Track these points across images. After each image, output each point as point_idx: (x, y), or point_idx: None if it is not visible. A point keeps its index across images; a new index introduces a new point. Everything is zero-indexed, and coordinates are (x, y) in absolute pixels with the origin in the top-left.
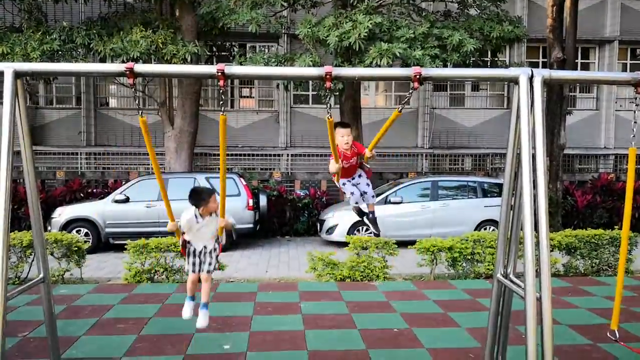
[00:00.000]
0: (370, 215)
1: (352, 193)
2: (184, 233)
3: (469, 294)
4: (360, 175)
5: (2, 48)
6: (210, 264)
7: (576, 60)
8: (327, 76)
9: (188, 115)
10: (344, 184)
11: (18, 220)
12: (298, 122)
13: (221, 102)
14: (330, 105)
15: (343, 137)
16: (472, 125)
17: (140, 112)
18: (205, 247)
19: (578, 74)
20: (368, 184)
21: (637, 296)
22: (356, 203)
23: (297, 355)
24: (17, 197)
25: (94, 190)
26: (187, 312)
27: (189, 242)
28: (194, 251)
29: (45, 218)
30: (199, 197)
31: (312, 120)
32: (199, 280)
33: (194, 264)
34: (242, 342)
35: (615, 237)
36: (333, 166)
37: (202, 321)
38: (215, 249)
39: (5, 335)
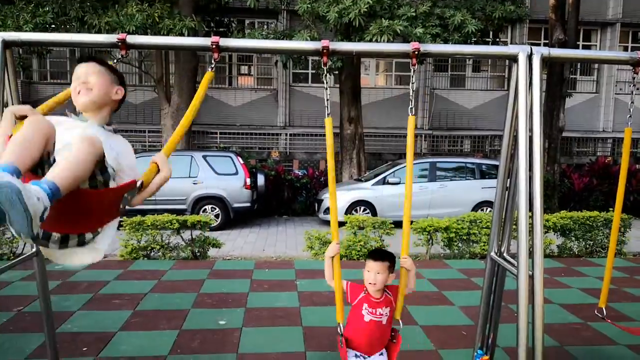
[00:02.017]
0: None
1: None
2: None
3: (463, 274)
4: (381, 354)
5: None
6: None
7: (577, 42)
8: (324, 50)
9: (185, 92)
10: (356, 356)
11: None
12: (297, 101)
13: (212, 66)
14: (328, 85)
15: (371, 273)
16: (472, 107)
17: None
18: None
19: (577, 53)
20: None
21: (629, 277)
22: None
23: (292, 331)
24: None
25: None
26: None
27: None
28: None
29: None
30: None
31: (311, 99)
32: None
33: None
34: (238, 318)
35: (610, 219)
36: (333, 248)
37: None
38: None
39: None
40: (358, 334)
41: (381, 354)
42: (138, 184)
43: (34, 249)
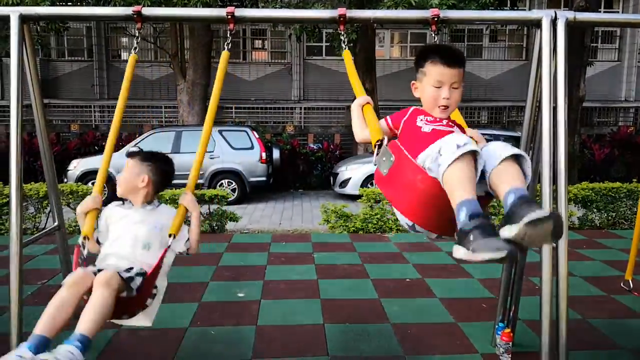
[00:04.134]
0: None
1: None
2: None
3: None
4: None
5: None
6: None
7: (599, 9)
8: (341, 18)
9: (200, 67)
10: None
11: (34, 172)
12: (311, 74)
13: (227, 42)
14: (345, 48)
15: (441, 88)
16: (489, 78)
17: (134, 51)
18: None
19: (604, 17)
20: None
21: None
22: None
23: (311, 303)
24: (33, 150)
25: None
26: None
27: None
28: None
29: (60, 170)
30: (166, 166)
31: (325, 72)
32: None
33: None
34: (257, 290)
35: (633, 190)
36: (362, 99)
37: None
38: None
39: (23, 283)
40: (418, 148)
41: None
42: (170, 240)
43: (56, 223)
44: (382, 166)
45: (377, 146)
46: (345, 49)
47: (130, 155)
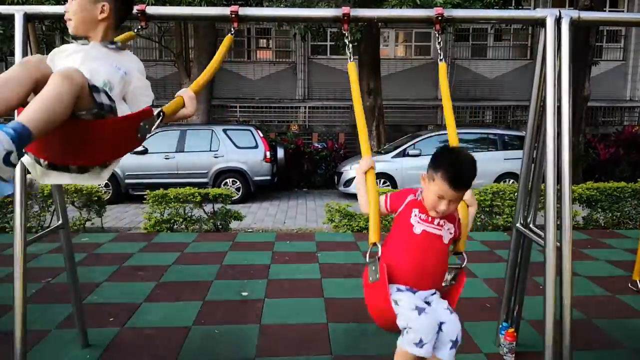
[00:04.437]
0: None
1: (420, 311)
2: None
3: (487, 246)
4: (434, 293)
5: None
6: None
7: (604, 9)
8: (345, 17)
9: (204, 66)
10: (399, 290)
11: None
12: (316, 73)
13: (232, 31)
14: (350, 48)
15: (445, 201)
16: (493, 77)
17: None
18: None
19: (609, 16)
20: (450, 309)
21: None
22: (419, 344)
23: (314, 302)
24: None
25: None
26: None
27: None
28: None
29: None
30: None
31: (330, 71)
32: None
33: None
34: (260, 289)
35: (638, 189)
36: (366, 162)
37: None
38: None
39: (27, 281)
40: (403, 255)
41: (434, 293)
42: (156, 112)
43: (60, 222)
44: (370, 274)
45: (372, 245)
46: (350, 60)
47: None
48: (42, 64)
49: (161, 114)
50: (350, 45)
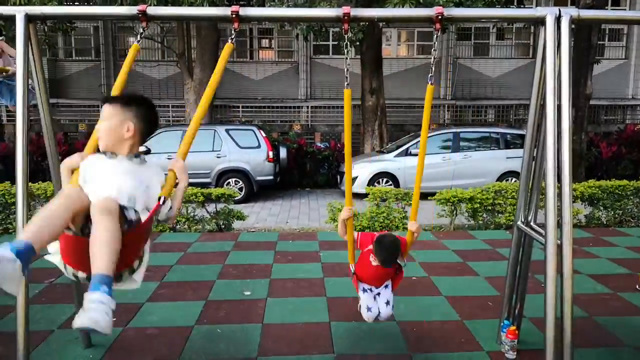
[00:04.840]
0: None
1: (368, 308)
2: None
3: (489, 244)
4: (386, 286)
5: None
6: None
7: (606, 8)
8: (345, 17)
9: (207, 66)
10: (363, 291)
11: (43, 172)
12: (318, 73)
13: (232, 37)
14: (348, 56)
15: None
16: (496, 76)
17: (138, 40)
18: None
19: (609, 14)
20: (388, 302)
21: None
22: (368, 310)
23: (317, 301)
24: (41, 150)
25: None
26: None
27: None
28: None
29: None
30: (148, 110)
31: (332, 71)
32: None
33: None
34: (263, 288)
35: None
36: (346, 212)
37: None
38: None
39: (29, 282)
40: (366, 274)
41: (386, 286)
42: (161, 201)
43: None
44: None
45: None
46: (346, 85)
47: (107, 100)
48: (82, 195)
49: (166, 200)
50: (349, 44)
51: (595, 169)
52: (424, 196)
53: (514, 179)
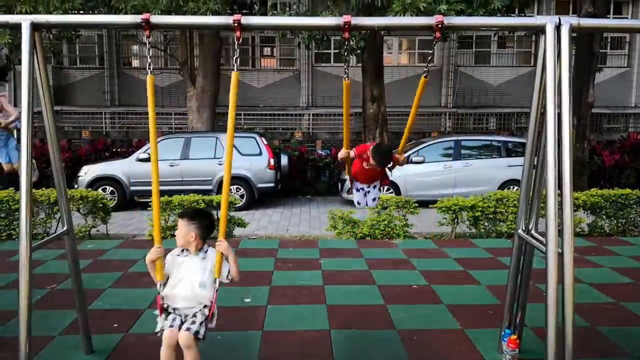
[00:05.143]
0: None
1: (358, 203)
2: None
3: (490, 253)
4: (375, 187)
5: (25, 7)
6: (194, 322)
7: (608, 16)
8: (346, 26)
9: (209, 74)
10: (357, 190)
11: (46, 178)
12: (320, 81)
13: (235, 56)
14: (348, 63)
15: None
16: (497, 84)
17: (149, 70)
18: (187, 313)
19: (609, 22)
20: (375, 199)
21: None
22: (358, 204)
23: (317, 309)
24: (45, 156)
25: (119, 150)
26: None
27: (165, 303)
28: (174, 310)
29: (71, 177)
30: (208, 221)
31: (334, 79)
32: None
33: (172, 320)
34: (263, 296)
35: None
36: (342, 152)
37: None
38: (204, 314)
39: (32, 287)
40: (360, 176)
41: (374, 186)
42: (216, 284)
43: (65, 228)
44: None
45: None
46: (345, 77)
47: (180, 216)
48: (175, 335)
49: (219, 285)
50: (350, 52)
51: (598, 177)
52: (425, 204)
53: (515, 187)
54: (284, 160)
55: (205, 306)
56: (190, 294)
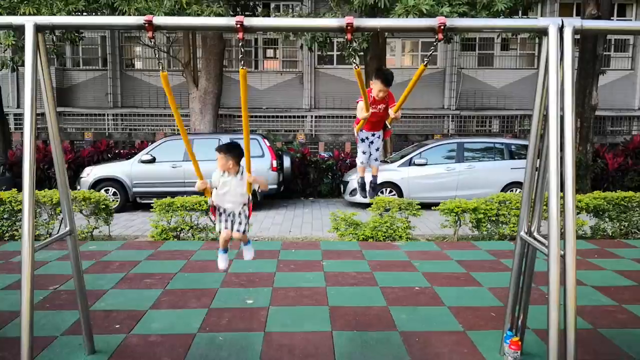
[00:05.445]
0: (372, 180)
1: (363, 152)
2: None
3: (492, 255)
4: (379, 137)
5: (29, 9)
6: (240, 223)
7: (612, 18)
8: (348, 27)
9: (212, 76)
10: (362, 139)
11: (49, 180)
12: (322, 83)
13: (240, 56)
14: (356, 54)
15: (380, 92)
16: (500, 86)
17: (162, 67)
18: (233, 211)
19: (612, 24)
20: (378, 149)
21: None
22: (361, 163)
23: (319, 310)
24: (47, 157)
25: (121, 151)
26: (222, 264)
27: (218, 206)
28: (224, 211)
29: (74, 178)
30: (238, 150)
31: (336, 81)
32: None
33: (225, 221)
34: (265, 297)
35: None
36: (361, 112)
37: (249, 254)
38: (245, 213)
39: (34, 288)
40: (369, 121)
41: (379, 136)
42: (250, 197)
43: (67, 228)
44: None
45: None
46: (355, 66)
47: (218, 150)
48: (229, 234)
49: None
50: (354, 54)
51: (601, 180)
52: (428, 206)
53: (518, 190)
54: (287, 162)
55: (245, 205)
56: (234, 199)
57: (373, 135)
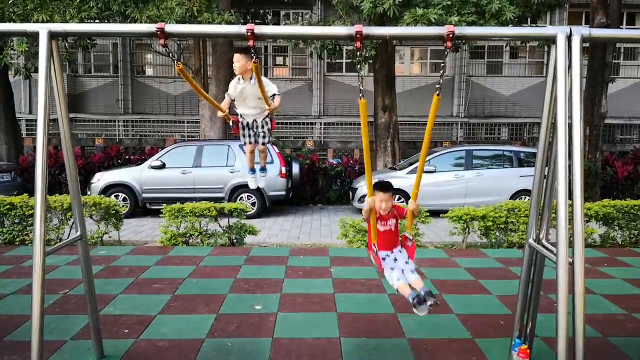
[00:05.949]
0: (423, 293)
1: (392, 269)
2: (233, 118)
3: (501, 263)
4: (400, 251)
5: (42, 16)
6: (264, 136)
7: (621, 27)
8: (358, 36)
9: (223, 83)
10: (383, 259)
11: (60, 185)
12: (332, 90)
13: (254, 57)
14: (362, 78)
15: (382, 202)
16: (509, 94)
17: (175, 61)
18: (255, 120)
19: (621, 33)
20: (408, 262)
21: None
22: (399, 280)
23: (327, 317)
24: (59, 163)
25: (132, 157)
26: (252, 184)
27: (241, 117)
28: (247, 124)
29: (85, 184)
30: (248, 51)
31: (345, 88)
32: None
33: (249, 136)
34: (274, 303)
35: None
36: (366, 213)
37: (262, 181)
38: (267, 123)
39: (45, 292)
40: (381, 240)
41: (400, 251)
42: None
43: (78, 233)
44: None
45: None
46: (362, 98)
47: (237, 51)
48: (254, 147)
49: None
50: (363, 62)
51: (611, 188)
52: (437, 214)
53: (527, 198)
54: (296, 169)
55: (267, 117)
56: (255, 104)
57: (392, 252)
